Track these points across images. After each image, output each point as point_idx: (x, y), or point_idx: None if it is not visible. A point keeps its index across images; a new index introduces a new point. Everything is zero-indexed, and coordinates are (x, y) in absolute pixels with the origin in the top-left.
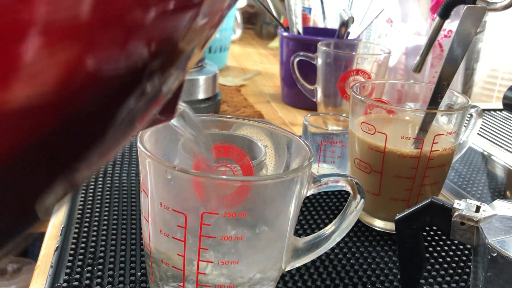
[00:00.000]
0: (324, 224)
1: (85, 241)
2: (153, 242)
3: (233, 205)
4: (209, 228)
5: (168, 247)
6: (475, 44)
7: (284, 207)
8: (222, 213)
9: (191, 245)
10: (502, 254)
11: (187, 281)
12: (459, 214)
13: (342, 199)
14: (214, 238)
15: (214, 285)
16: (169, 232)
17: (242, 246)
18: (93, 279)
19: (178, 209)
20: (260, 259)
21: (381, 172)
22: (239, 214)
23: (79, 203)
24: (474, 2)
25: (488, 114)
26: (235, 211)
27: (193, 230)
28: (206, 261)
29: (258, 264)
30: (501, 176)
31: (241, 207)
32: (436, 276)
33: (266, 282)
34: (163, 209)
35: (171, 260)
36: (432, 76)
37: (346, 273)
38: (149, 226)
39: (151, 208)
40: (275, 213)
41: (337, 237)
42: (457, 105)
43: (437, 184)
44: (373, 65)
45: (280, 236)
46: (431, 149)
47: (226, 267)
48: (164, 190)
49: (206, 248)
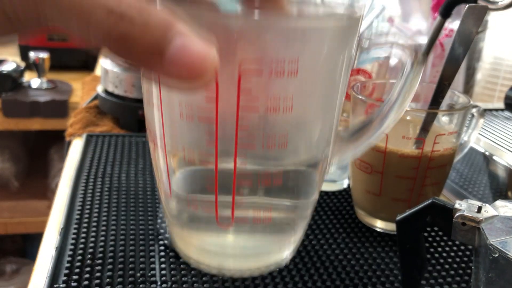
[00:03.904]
0: (324, 225)
1: (84, 241)
2: (170, 137)
3: (281, 58)
4: (249, 97)
5: (193, 136)
6: (477, 43)
7: (338, 65)
8: (268, 71)
9: (225, 127)
10: (503, 255)
11: (221, 180)
12: (460, 214)
13: (342, 200)
14: (256, 111)
15: (258, 178)
16: (193, 113)
17: (292, 121)
18: (92, 280)
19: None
20: (311, 140)
21: (382, 172)
22: (290, 72)
23: (78, 204)
24: (475, 1)
25: (490, 114)
26: (284, 68)
27: (228, 103)
28: (246, 145)
29: (308, 150)
30: (503, 177)
31: (292, 59)
32: (437, 277)
33: (313, 182)
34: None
35: (197, 153)
36: (434, 75)
37: (347, 274)
38: (162, 113)
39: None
40: (329, 72)
41: (393, 118)
42: (459, 105)
43: (438, 184)
44: (374, 64)
45: (332, 108)
46: (432, 149)
47: (272, 151)
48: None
49: (246, 127)
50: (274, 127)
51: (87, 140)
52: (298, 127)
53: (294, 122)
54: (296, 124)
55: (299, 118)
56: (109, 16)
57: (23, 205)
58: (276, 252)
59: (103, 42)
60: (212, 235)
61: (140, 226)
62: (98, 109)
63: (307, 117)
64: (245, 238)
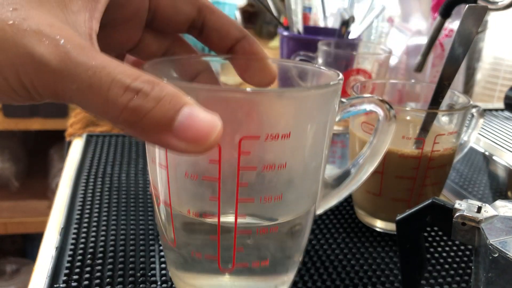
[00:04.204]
0: (324, 225)
1: (84, 241)
2: (175, 193)
3: (276, 125)
4: (248, 158)
5: (197, 192)
6: (476, 43)
7: (324, 127)
8: (264, 136)
9: (226, 185)
10: (503, 255)
11: (224, 232)
12: (460, 214)
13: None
14: (254, 170)
15: (256, 228)
16: (197, 173)
17: (285, 176)
18: (92, 279)
19: None
20: (302, 192)
21: (382, 172)
22: (283, 135)
23: (78, 204)
24: (475, 1)
25: (490, 114)
26: (278, 132)
27: (229, 163)
28: (246, 199)
29: (300, 201)
30: (503, 177)
31: (284, 127)
32: (437, 277)
33: (304, 224)
34: None
35: (200, 208)
36: (433, 75)
37: (347, 274)
38: (168, 172)
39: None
40: (316, 133)
41: (369, 166)
42: (458, 105)
43: (438, 184)
44: (374, 64)
45: (319, 163)
46: (432, 149)
47: (268, 206)
48: None
49: (246, 183)
50: (270, 182)
51: (87, 140)
52: (291, 181)
53: (287, 177)
54: (289, 179)
55: (292, 173)
56: (126, 92)
57: (23, 205)
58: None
59: (119, 116)
60: (212, 279)
61: (140, 226)
62: None
63: (299, 172)
64: (243, 279)
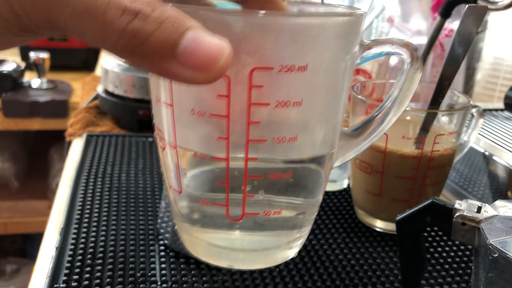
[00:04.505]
0: (324, 225)
1: (84, 241)
2: (181, 134)
3: (291, 55)
4: (260, 91)
5: (204, 131)
6: (476, 43)
7: (344, 65)
8: (278, 67)
9: (236, 123)
10: (503, 255)
11: (233, 176)
12: (460, 214)
13: (342, 200)
14: (267, 105)
15: (268, 173)
16: (205, 109)
17: (301, 116)
18: (92, 279)
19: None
20: (319, 136)
21: (382, 172)
22: (299, 67)
23: (78, 204)
24: (475, 1)
25: (490, 114)
26: (294, 63)
27: (239, 97)
28: (257, 139)
29: (316, 146)
30: (502, 177)
31: (301, 57)
32: (437, 277)
33: (319, 179)
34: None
35: (207, 149)
36: (433, 75)
37: (347, 274)
38: (173, 110)
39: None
40: (335, 70)
41: (393, 115)
42: (458, 105)
43: (438, 184)
44: (374, 64)
45: (337, 107)
46: (432, 149)
47: (281, 146)
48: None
49: (257, 122)
50: (284, 121)
51: (87, 140)
52: (307, 121)
53: (303, 116)
54: (305, 119)
55: (308, 112)
56: (124, 14)
57: (23, 205)
58: (284, 247)
59: (117, 41)
60: (222, 231)
61: (140, 226)
62: (98, 109)
63: (315, 112)
64: (254, 233)
